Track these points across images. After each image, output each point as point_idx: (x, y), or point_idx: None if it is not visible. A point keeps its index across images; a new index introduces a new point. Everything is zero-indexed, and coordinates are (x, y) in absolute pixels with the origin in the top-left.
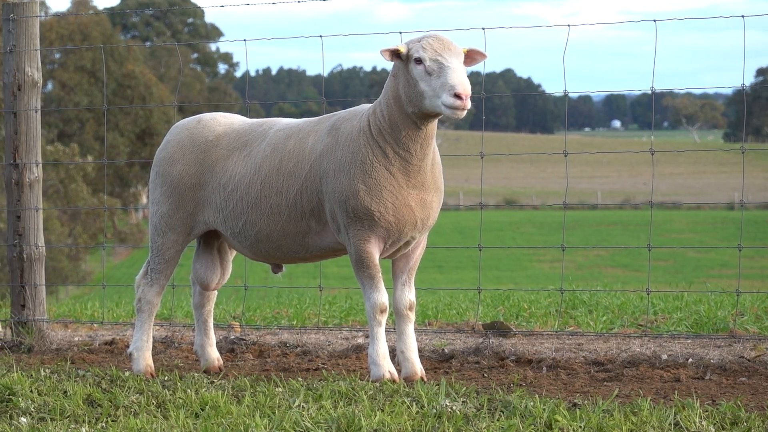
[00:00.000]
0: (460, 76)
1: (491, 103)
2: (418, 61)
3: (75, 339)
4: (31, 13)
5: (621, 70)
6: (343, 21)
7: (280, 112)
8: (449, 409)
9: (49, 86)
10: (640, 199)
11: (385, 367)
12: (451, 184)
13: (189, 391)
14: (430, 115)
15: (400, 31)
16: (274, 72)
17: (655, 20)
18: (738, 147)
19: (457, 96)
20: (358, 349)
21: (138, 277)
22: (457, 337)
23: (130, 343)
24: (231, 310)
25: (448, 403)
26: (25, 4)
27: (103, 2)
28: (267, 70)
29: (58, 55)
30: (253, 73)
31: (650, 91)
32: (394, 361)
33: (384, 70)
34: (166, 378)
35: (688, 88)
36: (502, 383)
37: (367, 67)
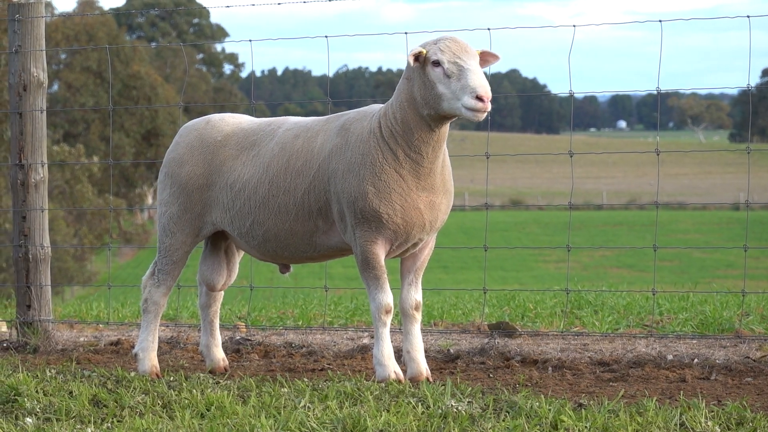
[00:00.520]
0: (481, 79)
1: (497, 104)
2: (436, 64)
3: (80, 339)
4: (37, 14)
5: (626, 71)
6: (348, 21)
7: (286, 113)
8: (455, 410)
9: (55, 87)
10: (645, 199)
11: (390, 368)
12: (457, 185)
13: (194, 391)
14: (447, 118)
15: (406, 32)
16: (279, 72)
17: (661, 20)
18: (743, 147)
19: (479, 98)
20: (363, 350)
21: (144, 278)
22: (463, 338)
23: (135, 344)
24: (236, 310)
25: (453, 404)
26: (31, 5)
27: (109, 3)
28: (272, 70)
29: (64, 56)
30: (258, 74)
31: (656, 92)
32: (400, 362)
33: (389, 71)
34: (171, 378)
35: (694, 88)
36: (508, 383)
37: (373, 68)
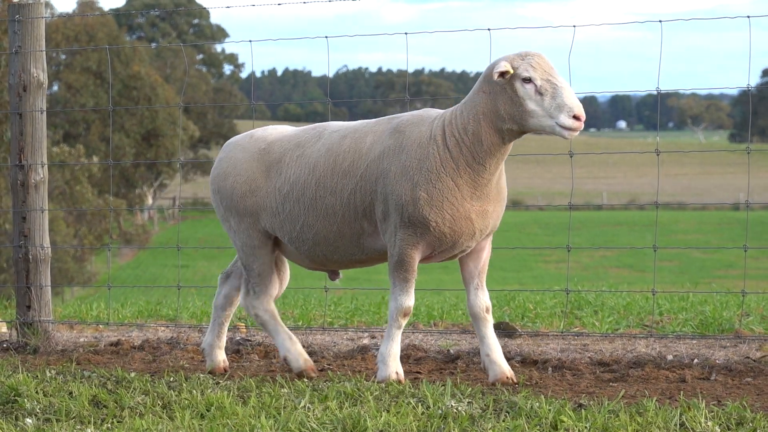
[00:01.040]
0: (576, 98)
1: None
2: (527, 80)
3: (80, 340)
4: (37, 14)
5: (626, 71)
6: (348, 22)
7: (286, 113)
8: (455, 410)
9: (55, 87)
10: (645, 199)
11: (392, 367)
12: None
13: (194, 392)
14: (528, 133)
15: (406, 32)
16: (279, 73)
17: (661, 21)
18: (743, 147)
19: (576, 117)
20: (363, 350)
21: (242, 300)
22: (463, 338)
23: (281, 355)
24: (237, 311)
25: (453, 404)
26: (31, 5)
27: (109, 3)
28: (272, 71)
29: (64, 57)
30: (258, 74)
31: (656, 92)
32: (404, 363)
33: (390, 71)
34: (171, 379)
35: (694, 88)
36: (508, 384)
37: (373, 68)
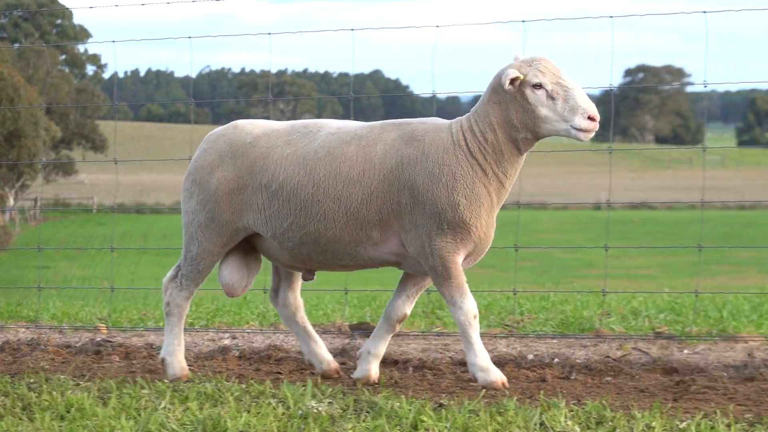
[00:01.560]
0: (587, 99)
1: (360, 104)
2: (538, 86)
3: None
4: None
5: (490, 71)
6: (211, 22)
7: (149, 114)
8: (315, 410)
9: None
10: (507, 199)
11: (494, 372)
12: None
13: (55, 393)
14: (541, 139)
15: (269, 33)
16: (142, 73)
17: (524, 21)
18: (605, 147)
19: (591, 118)
20: (224, 351)
21: (165, 280)
22: (324, 338)
23: (162, 348)
24: (97, 311)
25: (314, 404)
26: None
27: None
28: (135, 71)
29: None
30: (121, 75)
31: None
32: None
33: (252, 71)
34: (31, 380)
35: None
36: (369, 384)
37: (236, 68)
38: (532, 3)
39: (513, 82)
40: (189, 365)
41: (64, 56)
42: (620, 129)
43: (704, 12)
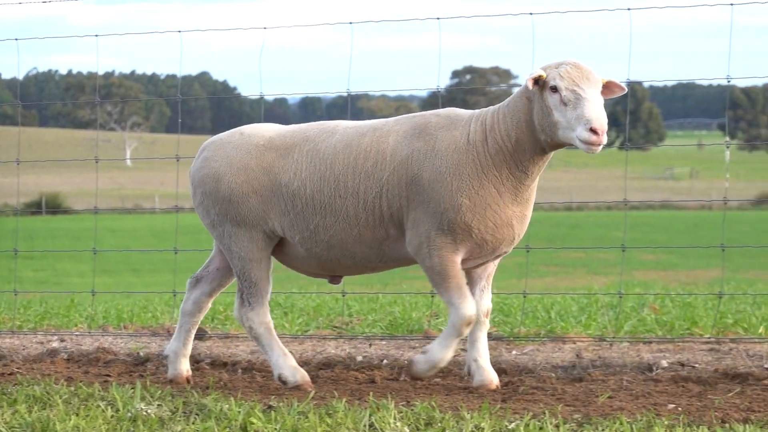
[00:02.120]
0: (597, 110)
1: (187, 106)
2: (554, 90)
3: None
4: None
5: (317, 73)
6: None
7: None
8: (144, 413)
9: None
10: None
11: (431, 372)
12: (148, 187)
13: None
14: (564, 145)
15: (96, 35)
16: None
17: (351, 22)
18: None
19: (593, 131)
20: (53, 354)
21: (236, 311)
22: (153, 341)
23: (272, 369)
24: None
25: (143, 407)
26: None
27: None
28: None
29: None
30: None
31: (346, 93)
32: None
33: (80, 73)
34: None
35: (384, 90)
36: (198, 386)
37: (63, 70)
38: (361, 5)
39: (536, 82)
40: (17, 368)
41: None
42: None
43: (531, 14)
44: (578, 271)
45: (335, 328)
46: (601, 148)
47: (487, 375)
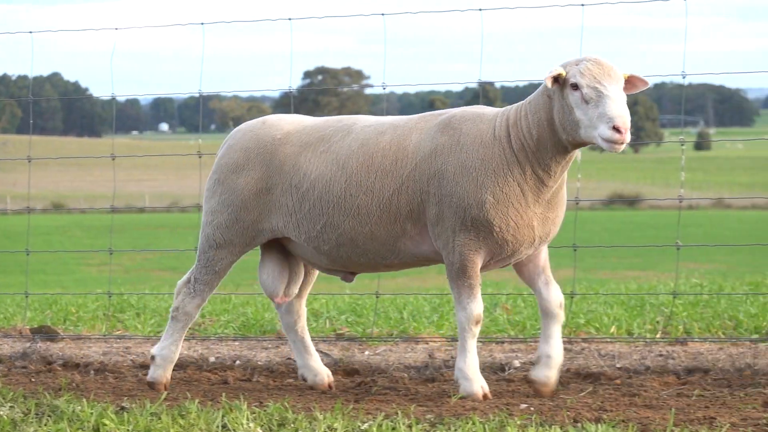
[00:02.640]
0: (620, 108)
1: (39, 107)
2: (575, 87)
3: None
4: None
5: (169, 74)
6: None
7: None
8: None
9: None
10: (187, 202)
11: (477, 381)
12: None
13: None
14: (586, 144)
15: None
16: None
17: (203, 23)
18: None
19: (616, 129)
20: None
21: (180, 284)
22: (5, 342)
23: (154, 349)
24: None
25: None
26: None
27: None
28: None
29: None
30: None
31: (197, 95)
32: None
33: None
34: None
35: (236, 90)
36: (50, 387)
37: None
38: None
39: (556, 80)
40: None
41: None
42: None
43: (383, 14)
44: (430, 272)
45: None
46: (624, 146)
47: (550, 375)
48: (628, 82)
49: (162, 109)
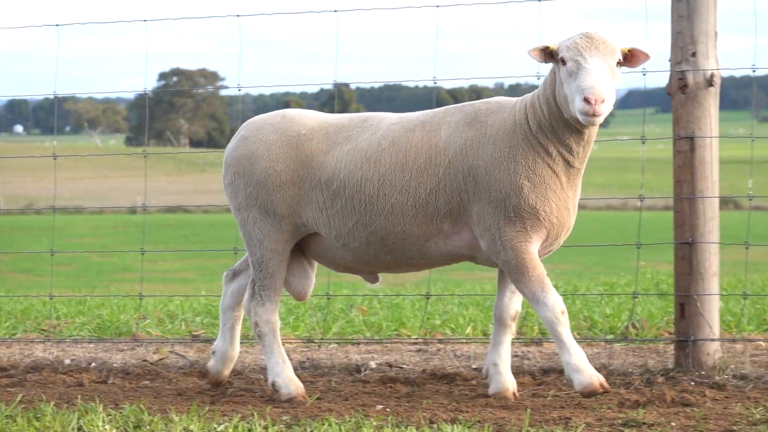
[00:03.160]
0: (594, 79)
1: None
2: (563, 62)
3: None
4: None
5: (24, 76)
6: None
7: None
8: None
9: None
10: (43, 203)
11: (591, 372)
12: None
13: None
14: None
15: None
16: None
17: (58, 24)
18: (140, 151)
19: (587, 101)
20: None
21: (245, 302)
22: None
23: (267, 373)
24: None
25: None
26: None
27: None
28: None
29: None
30: None
31: (52, 96)
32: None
33: None
34: None
35: (91, 92)
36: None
37: None
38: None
39: (545, 54)
40: None
41: None
42: (156, 133)
43: (238, 16)
44: None
45: (43, 331)
46: (600, 119)
47: (505, 381)
48: (631, 54)
49: (17, 111)
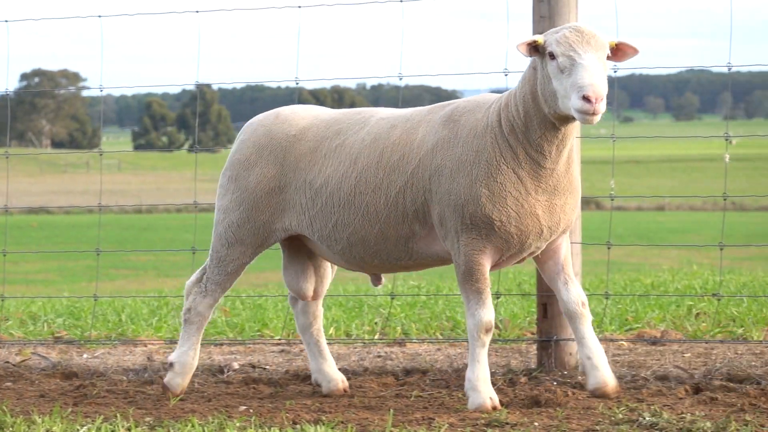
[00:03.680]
0: (592, 76)
1: None
2: (552, 56)
3: None
4: None
5: None
6: None
7: None
8: None
9: None
10: None
11: (485, 393)
12: None
13: None
14: (568, 118)
15: None
16: None
17: None
18: (2, 152)
19: (586, 99)
20: None
21: (189, 284)
22: None
23: (172, 354)
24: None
25: None
26: None
27: None
28: None
29: None
30: None
31: None
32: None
33: None
34: None
35: None
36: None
37: None
38: None
39: (531, 49)
40: None
41: None
42: (17, 134)
43: (99, 16)
44: (148, 274)
45: None
46: (598, 117)
47: (602, 376)
48: (619, 49)
49: None
